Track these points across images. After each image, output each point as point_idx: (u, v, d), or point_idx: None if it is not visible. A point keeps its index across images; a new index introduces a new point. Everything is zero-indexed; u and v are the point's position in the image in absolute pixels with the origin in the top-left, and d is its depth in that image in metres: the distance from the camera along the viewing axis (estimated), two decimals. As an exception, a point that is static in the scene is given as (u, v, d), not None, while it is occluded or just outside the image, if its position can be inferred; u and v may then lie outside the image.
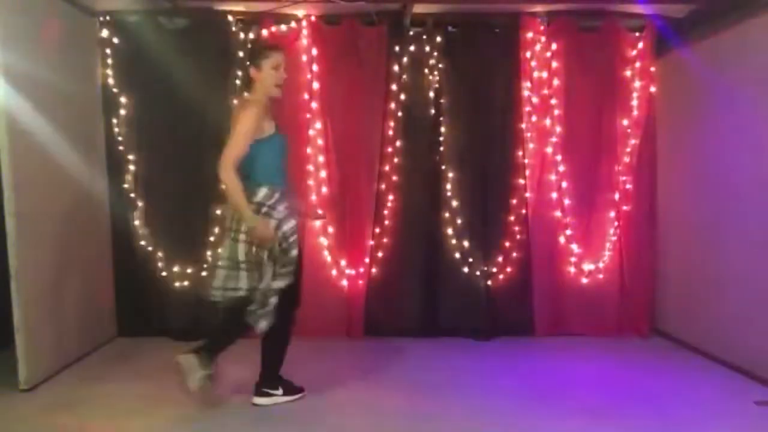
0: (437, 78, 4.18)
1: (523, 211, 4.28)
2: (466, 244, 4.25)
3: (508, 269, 4.29)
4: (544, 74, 4.24)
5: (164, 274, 4.17)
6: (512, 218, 4.27)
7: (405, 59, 4.17)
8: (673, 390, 3.27)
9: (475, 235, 4.26)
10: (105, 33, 4.08)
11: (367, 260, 4.21)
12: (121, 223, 4.17)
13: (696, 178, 3.95)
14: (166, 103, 4.11)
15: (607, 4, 4.05)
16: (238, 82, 4.12)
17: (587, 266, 4.33)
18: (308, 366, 3.62)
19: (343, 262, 4.25)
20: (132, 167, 4.17)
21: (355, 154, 4.20)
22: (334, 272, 4.25)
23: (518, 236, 4.28)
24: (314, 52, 4.15)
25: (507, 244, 4.29)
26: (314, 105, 4.18)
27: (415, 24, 4.15)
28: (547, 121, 4.25)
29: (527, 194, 4.27)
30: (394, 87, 4.17)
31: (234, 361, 3.14)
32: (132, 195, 4.17)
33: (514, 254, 4.29)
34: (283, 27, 4.15)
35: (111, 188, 4.15)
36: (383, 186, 4.22)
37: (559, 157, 4.27)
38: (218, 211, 3.94)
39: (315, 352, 3.88)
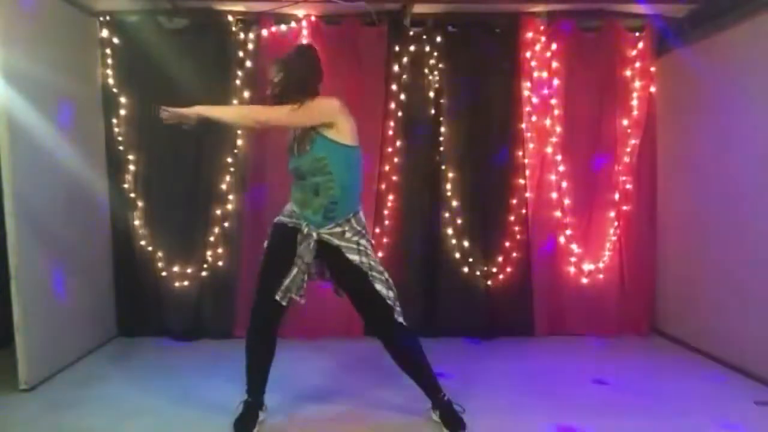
0: (437, 78, 4.18)
1: (523, 211, 4.28)
2: (466, 244, 4.25)
3: (508, 269, 4.29)
4: (544, 74, 4.23)
5: (164, 274, 4.17)
6: (512, 218, 4.28)
7: (405, 59, 4.17)
8: (672, 390, 3.27)
9: (475, 235, 4.26)
10: (105, 33, 4.08)
11: (367, 260, 4.21)
12: (121, 223, 4.17)
13: (696, 178, 3.95)
14: (166, 103, 4.08)
15: (607, 4, 4.05)
16: (238, 82, 4.13)
17: (587, 266, 4.33)
18: (308, 366, 3.63)
19: (343, 262, 4.24)
20: (132, 167, 4.16)
21: (355, 154, 4.19)
22: (334, 272, 4.25)
23: (518, 236, 4.28)
24: (314, 52, 4.14)
25: (507, 244, 4.29)
26: (314, 105, 4.17)
27: (415, 24, 4.15)
28: (547, 121, 4.25)
29: (527, 194, 4.27)
30: (394, 87, 4.17)
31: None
32: (132, 195, 4.16)
33: (514, 254, 4.29)
34: (283, 27, 4.15)
35: (111, 188, 4.15)
36: (383, 186, 4.22)
37: (559, 157, 4.27)
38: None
39: (315, 352, 3.88)
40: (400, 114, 4.20)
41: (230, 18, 4.09)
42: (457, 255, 4.24)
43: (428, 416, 2.84)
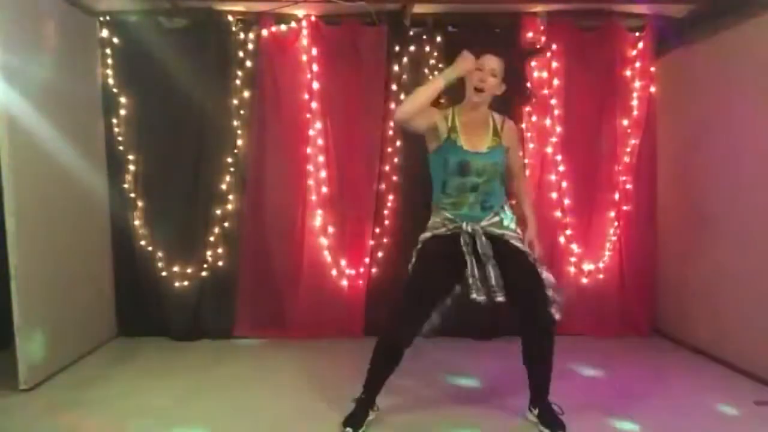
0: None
1: (524, 211, 4.28)
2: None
3: (508, 269, 4.29)
4: (544, 74, 4.24)
5: (164, 274, 4.17)
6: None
7: (405, 59, 4.16)
8: (672, 390, 3.27)
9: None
10: (105, 33, 4.07)
11: (367, 260, 4.21)
12: (121, 223, 4.17)
13: (696, 178, 3.95)
14: (166, 103, 4.11)
15: (607, 4, 4.06)
16: (238, 82, 4.13)
17: (587, 266, 4.33)
18: (308, 366, 3.63)
19: (343, 262, 4.25)
20: (132, 167, 4.16)
21: (355, 154, 4.20)
22: (334, 272, 4.25)
23: (518, 236, 4.28)
24: (314, 52, 4.14)
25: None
26: (314, 105, 4.17)
27: (415, 24, 4.14)
28: (547, 121, 4.25)
29: (527, 194, 4.27)
30: (394, 87, 4.17)
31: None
32: (132, 195, 4.16)
33: (514, 254, 4.28)
34: (283, 27, 4.15)
35: (111, 188, 4.15)
36: (383, 186, 4.21)
37: (559, 157, 4.27)
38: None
39: (315, 352, 3.88)
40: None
41: (230, 18, 4.09)
42: (457, 255, 4.24)
43: (523, 416, 2.88)
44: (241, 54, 4.12)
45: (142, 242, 4.16)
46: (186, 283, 4.17)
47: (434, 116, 2.74)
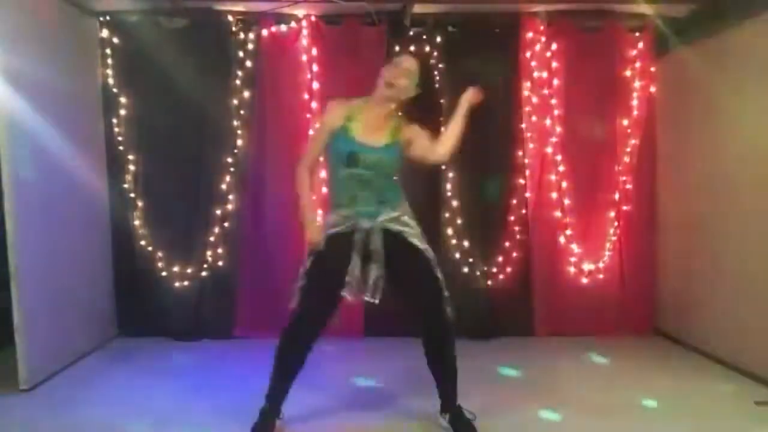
0: (437, 78, 4.18)
1: (523, 211, 4.28)
2: (466, 244, 4.25)
3: (508, 269, 4.29)
4: (544, 74, 4.24)
5: (164, 274, 4.17)
6: (512, 218, 4.28)
7: (405, 59, 4.16)
8: (672, 390, 3.27)
9: (475, 235, 4.26)
10: (105, 33, 4.08)
11: (367, 260, 4.21)
12: (121, 223, 4.17)
13: (696, 178, 3.95)
14: (166, 103, 4.11)
15: (607, 4, 4.06)
16: (238, 82, 4.13)
17: (587, 266, 4.33)
18: (307, 366, 3.62)
19: (343, 262, 4.24)
20: (132, 167, 4.16)
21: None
22: (334, 272, 4.25)
23: (518, 236, 4.28)
24: (314, 52, 4.15)
25: (507, 244, 4.29)
26: (314, 105, 4.18)
27: (415, 24, 4.14)
28: (547, 121, 4.25)
29: (527, 194, 4.28)
30: (394, 87, 4.17)
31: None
32: (132, 195, 4.16)
33: (514, 254, 4.29)
34: (283, 27, 4.16)
35: (111, 188, 4.15)
36: (383, 186, 4.21)
37: (559, 157, 4.27)
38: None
39: (314, 352, 3.87)
40: (400, 114, 4.18)
41: (230, 18, 4.09)
42: (457, 255, 4.24)
43: (436, 420, 2.81)
44: (241, 54, 4.12)
45: (142, 242, 4.16)
46: (186, 283, 4.17)
47: (327, 135, 2.69)
